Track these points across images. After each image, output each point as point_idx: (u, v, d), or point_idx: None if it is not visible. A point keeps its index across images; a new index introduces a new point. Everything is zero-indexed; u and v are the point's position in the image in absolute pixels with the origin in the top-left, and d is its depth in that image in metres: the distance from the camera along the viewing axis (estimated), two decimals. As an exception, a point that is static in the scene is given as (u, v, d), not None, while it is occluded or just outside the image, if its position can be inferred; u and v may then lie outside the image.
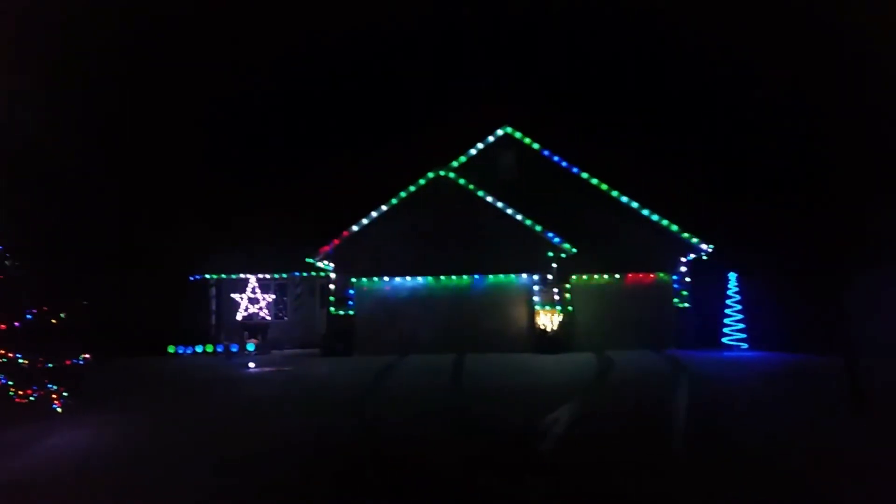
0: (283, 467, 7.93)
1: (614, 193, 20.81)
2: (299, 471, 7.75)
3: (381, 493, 6.91)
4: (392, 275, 20.19)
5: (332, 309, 20.48)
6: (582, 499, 6.66)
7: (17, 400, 10.63)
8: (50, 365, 11.17)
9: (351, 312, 20.15)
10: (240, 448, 8.89)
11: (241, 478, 7.57)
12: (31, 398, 10.71)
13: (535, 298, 19.64)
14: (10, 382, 10.59)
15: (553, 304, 19.70)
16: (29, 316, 11.16)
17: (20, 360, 10.83)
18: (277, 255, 23.91)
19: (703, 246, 20.34)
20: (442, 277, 20.07)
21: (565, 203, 20.65)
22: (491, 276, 19.98)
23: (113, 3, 25.61)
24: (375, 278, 20.25)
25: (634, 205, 20.66)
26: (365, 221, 20.06)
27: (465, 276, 20.02)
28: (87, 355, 11.82)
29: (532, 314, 19.60)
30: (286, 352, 22.55)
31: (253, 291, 24.29)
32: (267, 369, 17.21)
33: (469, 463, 7.81)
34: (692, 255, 20.71)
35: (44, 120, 21.99)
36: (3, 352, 10.73)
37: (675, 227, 20.44)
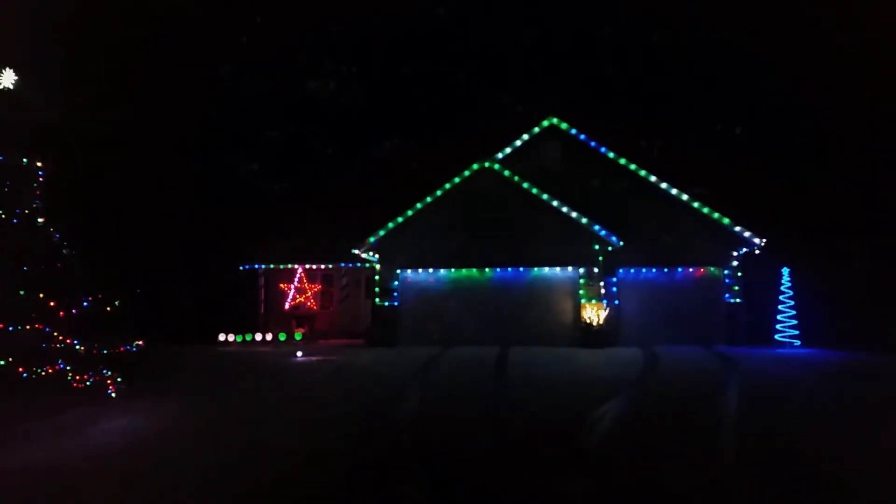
0: (326, 454, 8.01)
1: (663, 185, 20.40)
2: (342, 458, 7.82)
3: (423, 483, 6.93)
4: (436, 266, 20.21)
5: (376, 300, 20.63)
6: (626, 496, 6.56)
7: (74, 385, 10.99)
8: (105, 351, 11.52)
9: (395, 303, 20.26)
10: (287, 435, 9.03)
11: (282, 464, 7.68)
12: (88, 383, 11.06)
13: (581, 292, 19.42)
14: (68, 368, 10.95)
15: (599, 297, 19.45)
16: (85, 303, 11.52)
17: (77, 347, 11.19)
18: (324, 245, 24.17)
19: (756, 240, 19.79)
20: (486, 270, 20.00)
21: (613, 195, 20.34)
22: (536, 269, 19.83)
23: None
24: (420, 270, 20.30)
25: (684, 197, 20.22)
26: (410, 213, 20.10)
27: (509, 269, 19.91)
28: (141, 342, 12.16)
29: (577, 308, 19.39)
30: (332, 341, 22.82)
31: (300, 281, 24.64)
32: (314, 358, 17.44)
33: (512, 457, 7.77)
34: (744, 249, 20.19)
35: (95, 110, 22.59)
36: (61, 338, 11.11)
37: (726, 221, 19.95)
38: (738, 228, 19.87)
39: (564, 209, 19.36)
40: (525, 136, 21.44)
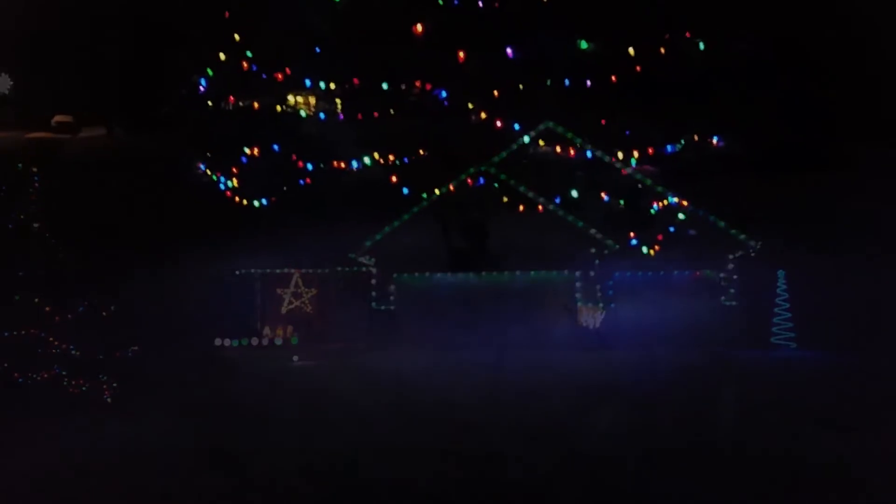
0: (324, 463, 8.00)
1: (660, 189, 20.45)
2: (341, 465, 7.81)
3: (417, 483, 6.92)
4: (433, 270, 20.20)
5: (373, 304, 20.62)
6: (618, 497, 6.57)
7: (70, 390, 10.93)
8: (100, 356, 11.47)
9: (392, 307, 20.25)
10: (284, 443, 9.00)
11: (273, 468, 7.65)
12: (83, 388, 11.00)
13: (578, 295, 19.44)
14: (64, 373, 10.91)
15: (596, 300, 19.46)
16: (81, 308, 11.49)
17: (72, 351, 11.15)
18: (321, 250, 24.07)
19: (752, 242, 19.85)
20: (483, 273, 19.99)
21: (609, 198, 20.36)
22: (533, 272, 19.83)
23: None
24: (416, 273, 20.30)
25: (682, 200, 20.25)
26: (406, 217, 20.11)
27: (506, 272, 19.91)
28: (136, 347, 12.12)
29: (574, 311, 19.39)
30: (329, 346, 22.74)
31: (296, 285, 24.58)
32: (310, 363, 17.41)
33: (507, 460, 7.77)
34: (740, 252, 20.24)
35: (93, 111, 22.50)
36: (56, 343, 11.07)
37: (722, 223, 20.00)
38: (733, 231, 19.92)
39: (561, 212, 19.39)
40: (521, 140, 21.45)
